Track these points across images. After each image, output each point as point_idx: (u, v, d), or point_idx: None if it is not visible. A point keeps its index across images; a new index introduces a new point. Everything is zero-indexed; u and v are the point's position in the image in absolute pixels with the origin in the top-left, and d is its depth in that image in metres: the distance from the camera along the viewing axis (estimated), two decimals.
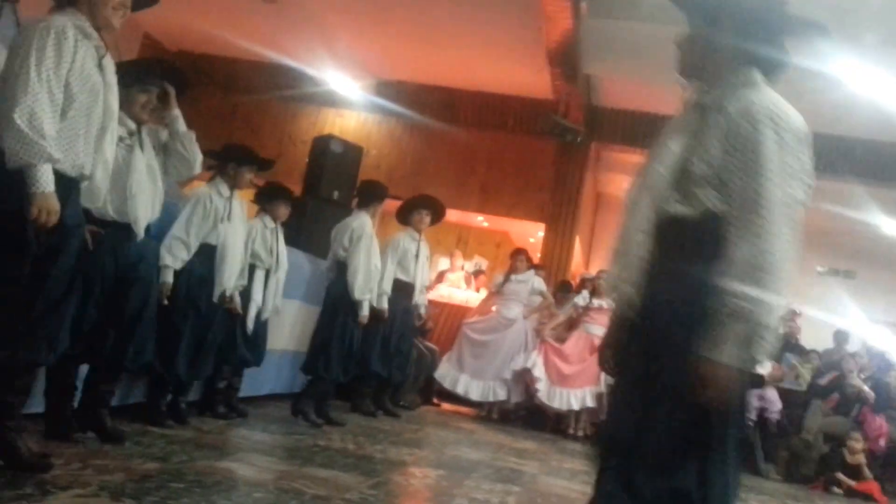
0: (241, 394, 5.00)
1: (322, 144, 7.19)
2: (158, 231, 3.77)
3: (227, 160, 4.34)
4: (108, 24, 2.69)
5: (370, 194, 5.69)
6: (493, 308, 7.82)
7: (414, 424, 6.25)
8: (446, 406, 7.96)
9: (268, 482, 3.19)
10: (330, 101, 9.94)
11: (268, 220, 4.87)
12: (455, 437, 5.98)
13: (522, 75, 8.50)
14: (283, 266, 4.92)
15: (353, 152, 7.37)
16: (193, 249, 4.02)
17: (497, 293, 7.76)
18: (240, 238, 4.36)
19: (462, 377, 7.53)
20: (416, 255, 6.16)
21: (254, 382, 5.28)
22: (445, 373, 7.61)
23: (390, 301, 5.95)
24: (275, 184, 5.14)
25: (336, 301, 5.30)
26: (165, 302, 3.80)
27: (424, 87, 9.59)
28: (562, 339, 7.51)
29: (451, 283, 9.87)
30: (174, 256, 3.91)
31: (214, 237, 4.13)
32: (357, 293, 5.27)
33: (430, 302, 8.65)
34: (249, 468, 3.39)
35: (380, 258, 5.63)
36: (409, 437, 5.49)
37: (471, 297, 9.46)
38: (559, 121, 8.64)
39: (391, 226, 11.63)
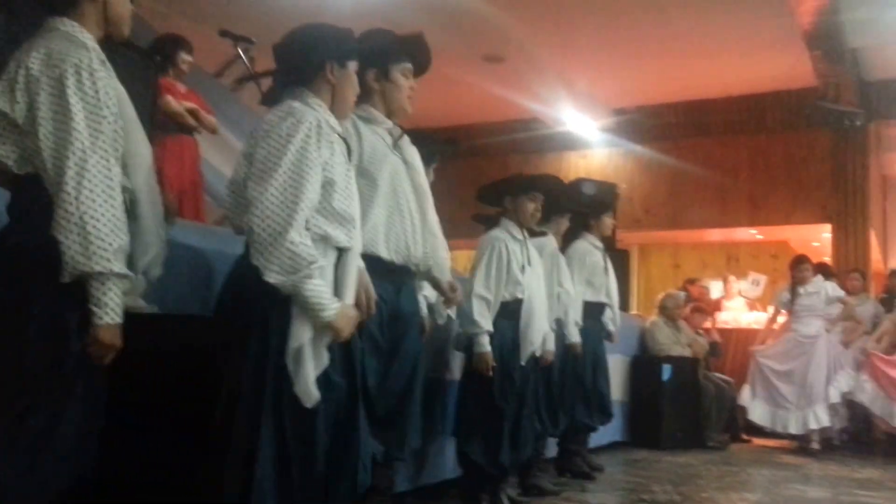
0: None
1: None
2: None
3: (503, 193, 3.85)
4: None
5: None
6: (791, 327, 6.99)
7: (732, 465, 5.80)
8: (758, 441, 7.29)
9: None
10: (570, 143, 9.83)
11: None
12: (783, 474, 5.45)
13: (778, 67, 7.82)
14: None
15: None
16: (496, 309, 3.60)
17: (784, 310, 6.95)
18: (543, 286, 3.92)
19: (778, 412, 6.74)
20: (606, 269, 4.96)
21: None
22: (759, 411, 6.84)
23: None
24: None
25: None
26: (490, 373, 3.51)
27: (668, 105, 9.19)
28: (889, 352, 6.56)
29: (730, 310, 9.19)
30: (485, 319, 3.51)
31: (518, 290, 3.66)
32: None
33: (715, 329, 8.11)
34: None
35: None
36: (733, 480, 5.12)
37: (759, 317, 8.73)
38: (831, 107, 7.79)
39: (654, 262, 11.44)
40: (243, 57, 4.29)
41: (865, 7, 6.57)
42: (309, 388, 1.97)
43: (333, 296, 2.04)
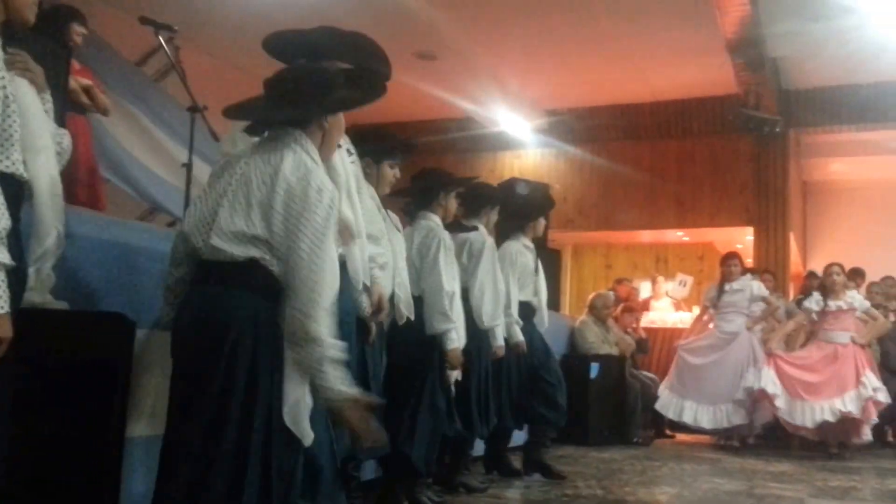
0: None
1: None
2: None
3: (436, 189, 3.83)
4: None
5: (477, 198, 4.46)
6: (711, 325, 7.19)
7: (654, 460, 5.95)
8: (681, 437, 7.48)
9: None
10: (504, 144, 9.90)
11: None
12: (701, 468, 5.64)
13: (703, 74, 8.06)
14: None
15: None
16: None
17: (712, 307, 7.10)
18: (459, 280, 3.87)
19: (687, 404, 6.87)
20: (536, 269, 4.97)
21: None
22: (668, 402, 6.99)
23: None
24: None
25: None
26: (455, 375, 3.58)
27: (599, 108, 9.34)
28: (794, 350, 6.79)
29: (657, 310, 9.41)
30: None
31: (457, 284, 3.68)
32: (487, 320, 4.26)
33: (641, 329, 8.29)
34: None
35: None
36: (654, 475, 5.26)
37: (684, 317, 8.96)
38: (752, 114, 8.06)
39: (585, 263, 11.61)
40: (164, 46, 4.18)
41: (786, 20, 6.80)
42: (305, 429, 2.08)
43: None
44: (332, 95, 2.30)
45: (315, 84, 2.29)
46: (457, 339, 3.55)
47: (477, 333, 4.01)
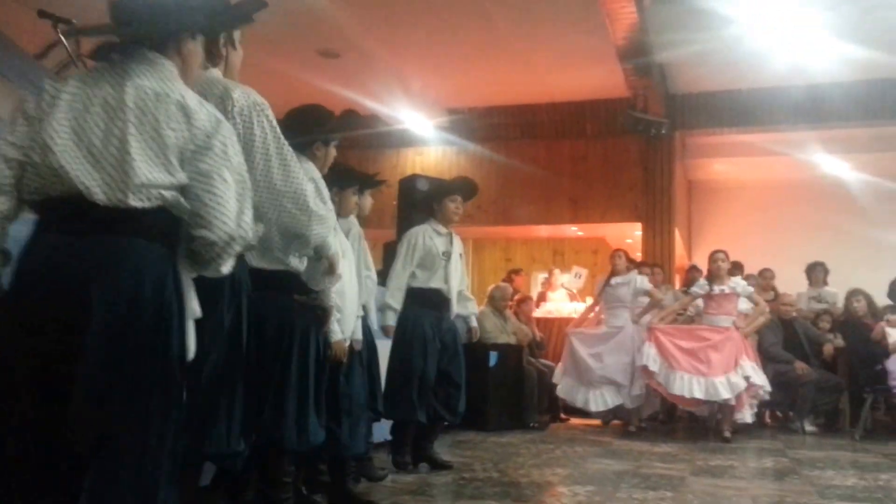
0: None
1: (408, 185, 7.22)
2: None
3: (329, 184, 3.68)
4: None
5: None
6: (602, 316, 7.49)
7: (549, 444, 6.19)
8: (575, 421, 7.83)
9: None
10: (407, 141, 10.07)
11: None
12: (593, 450, 5.89)
13: (595, 78, 8.45)
14: None
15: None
16: None
17: (600, 298, 7.33)
18: (354, 275, 3.77)
19: (581, 389, 7.11)
20: (447, 254, 4.85)
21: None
22: (567, 387, 7.23)
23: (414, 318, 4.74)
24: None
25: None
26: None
27: (497, 108, 9.63)
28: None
29: (553, 301, 9.78)
30: None
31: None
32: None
33: (538, 320, 8.61)
34: None
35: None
36: (548, 457, 5.47)
37: (579, 307, 9.33)
38: (640, 116, 8.51)
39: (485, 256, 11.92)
40: (63, 39, 4.11)
41: (672, 28, 7.23)
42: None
43: None
44: (191, 17, 2.05)
45: (175, 3, 2.03)
46: (339, 331, 3.41)
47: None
